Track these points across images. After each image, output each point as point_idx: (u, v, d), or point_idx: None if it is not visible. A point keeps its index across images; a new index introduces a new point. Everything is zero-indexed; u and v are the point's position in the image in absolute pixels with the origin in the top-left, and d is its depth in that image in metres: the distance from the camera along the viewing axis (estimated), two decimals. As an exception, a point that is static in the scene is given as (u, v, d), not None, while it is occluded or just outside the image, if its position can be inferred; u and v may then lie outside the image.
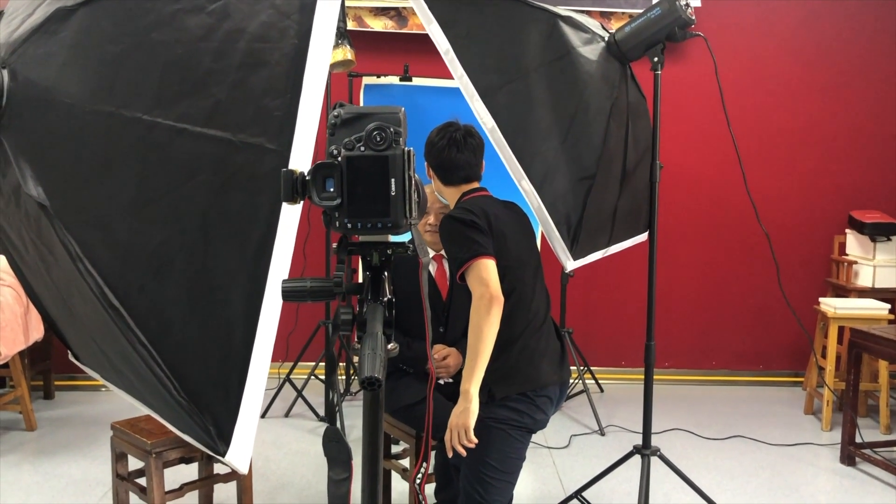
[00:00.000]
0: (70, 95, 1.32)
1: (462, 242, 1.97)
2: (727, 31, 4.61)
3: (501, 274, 1.98)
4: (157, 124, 1.31)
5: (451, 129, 2.17)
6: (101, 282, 1.34)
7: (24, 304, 3.68)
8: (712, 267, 4.79)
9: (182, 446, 2.42)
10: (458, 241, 1.98)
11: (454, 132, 2.16)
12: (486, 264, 1.95)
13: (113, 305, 1.33)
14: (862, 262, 4.41)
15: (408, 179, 1.02)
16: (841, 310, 3.91)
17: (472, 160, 2.17)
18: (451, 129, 2.17)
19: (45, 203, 1.32)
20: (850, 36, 4.70)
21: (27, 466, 3.41)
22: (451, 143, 2.14)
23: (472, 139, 2.17)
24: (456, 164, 2.15)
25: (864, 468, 3.47)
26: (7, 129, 1.35)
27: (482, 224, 2.01)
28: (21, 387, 3.82)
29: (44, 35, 1.34)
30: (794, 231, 4.71)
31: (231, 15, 1.33)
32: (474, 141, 2.17)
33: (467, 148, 2.15)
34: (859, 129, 4.75)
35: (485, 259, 1.95)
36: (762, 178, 4.64)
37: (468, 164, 2.16)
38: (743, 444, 3.77)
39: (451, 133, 2.16)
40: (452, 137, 2.15)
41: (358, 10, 4.42)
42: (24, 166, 1.33)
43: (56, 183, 1.34)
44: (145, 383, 1.42)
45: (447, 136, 2.15)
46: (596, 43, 2.52)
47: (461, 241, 1.98)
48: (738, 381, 4.83)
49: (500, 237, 2.04)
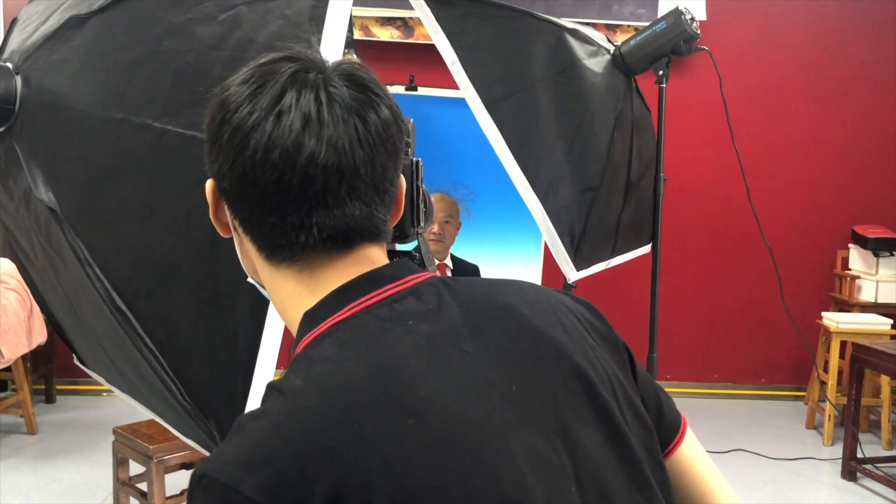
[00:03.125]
0: (82, 102, 1.34)
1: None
2: (732, 44, 4.63)
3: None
4: (167, 131, 1.32)
5: (285, 83, 0.74)
6: (109, 286, 1.35)
7: (27, 308, 3.69)
8: (715, 280, 4.80)
9: (183, 451, 2.42)
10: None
11: (299, 94, 0.73)
12: None
13: (120, 310, 1.34)
14: (865, 277, 4.41)
15: (416, 189, 1.03)
16: (843, 324, 3.92)
17: (367, 186, 0.76)
18: (283, 80, 0.74)
19: (56, 208, 1.33)
20: (855, 50, 4.72)
21: (28, 470, 3.41)
22: (274, 124, 0.72)
23: (370, 114, 0.76)
24: (287, 203, 0.74)
25: (866, 483, 3.47)
26: (19, 133, 1.36)
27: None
28: (23, 390, 3.82)
29: (57, 42, 1.35)
30: (796, 245, 4.72)
31: (242, 24, 1.35)
32: (380, 121, 0.76)
33: (363, 145, 0.75)
34: (863, 144, 4.76)
35: None
36: (765, 191, 4.65)
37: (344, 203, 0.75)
38: (744, 457, 3.77)
39: (279, 92, 0.73)
40: (281, 108, 0.72)
41: (365, 19, 4.44)
42: (35, 171, 1.35)
43: (66, 188, 1.35)
44: (150, 388, 1.43)
45: (270, 104, 0.73)
46: (601, 55, 2.54)
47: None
48: (740, 394, 4.83)
49: None
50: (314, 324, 0.74)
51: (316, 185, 0.72)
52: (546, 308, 0.80)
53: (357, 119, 0.74)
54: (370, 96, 0.76)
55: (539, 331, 0.76)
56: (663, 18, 2.52)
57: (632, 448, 0.76)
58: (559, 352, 0.76)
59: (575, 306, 0.85)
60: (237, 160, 0.73)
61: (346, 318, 0.73)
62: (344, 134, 0.73)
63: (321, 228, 0.74)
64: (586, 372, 0.76)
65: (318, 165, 0.72)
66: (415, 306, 0.74)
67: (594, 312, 0.86)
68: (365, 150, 0.74)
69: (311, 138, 0.71)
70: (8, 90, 1.35)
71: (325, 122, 0.72)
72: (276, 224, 0.74)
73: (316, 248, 0.75)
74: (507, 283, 0.83)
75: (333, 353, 0.69)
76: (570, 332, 0.79)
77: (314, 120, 0.72)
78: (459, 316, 0.74)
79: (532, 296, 0.81)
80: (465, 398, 0.68)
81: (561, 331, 0.78)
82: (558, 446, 0.71)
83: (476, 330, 0.73)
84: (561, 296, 0.85)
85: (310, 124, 0.72)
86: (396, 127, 0.78)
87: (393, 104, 0.78)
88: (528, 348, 0.75)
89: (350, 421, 0.63)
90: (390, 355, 0.69)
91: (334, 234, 0.75)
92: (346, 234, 0.75)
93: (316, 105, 0.72)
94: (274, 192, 0.72)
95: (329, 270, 0.76)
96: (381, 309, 0.73)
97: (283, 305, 0.79)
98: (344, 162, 0.72)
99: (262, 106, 0.72)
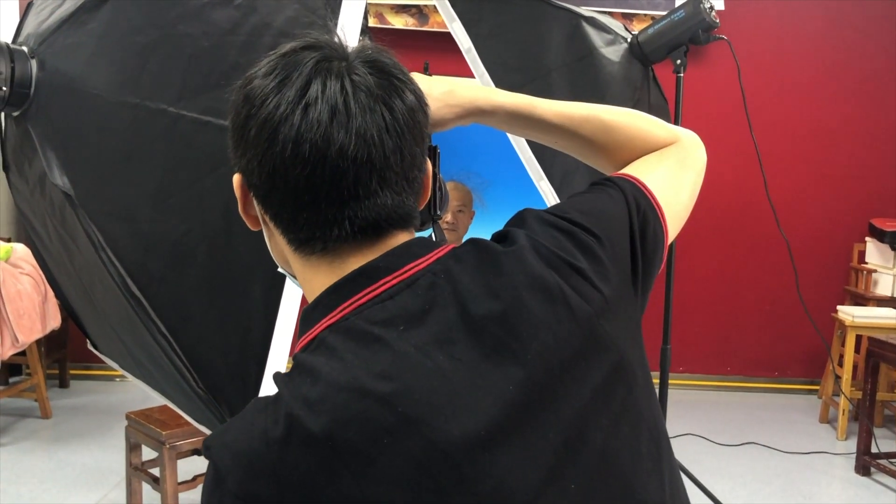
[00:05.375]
0: (97, 86, 1.33)
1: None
2: (750, 34, 4.58)
3: None
4: (181, 116, 1.32)
5: (310, 74, 0.72)
6: (123, 271, 1.35)
7: (41, 293, 3.71)
8: (729, 272, 4.77)
9: (195, 437, 2.43)
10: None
11: (324, 85, 0.71)
12: None
13: (134, 295, 1.34)
14: (882, 271, 4.37)
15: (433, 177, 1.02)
16: (859, 318, 3.88)
17: (391, 171, 0.74)
18: (307, 70, 0.72)
19: (70, 192, 1.33)
20: (874, 41, 4.66)
21: (41, 454, 3.44)
22: (301, 117, 0.71)
23: (393, 99, 0.74)
24: (315, 193, 0.72)
25: (879, 478, 3.45)
26: (34, 118, 1.36)
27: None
28: (37, 375, 3.85)
29: (73, 26, 1.35)
30: (813, 238, 4.68)
31: (258, 9, 1.34)
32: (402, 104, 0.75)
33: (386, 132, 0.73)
34: (882, 137, 4.71)
35: None
36: (782, 183, 4.61)
37: (369, 195, 0.73)
38: (757, 450, 3.75)
39: (304, 84, 0.71)
40: (308, 100, 0.71)
41: (379, 6, 4.42)
42: (50, 155, 1.35)
43: (81, 172, 1.35)
44: (164, 373, 1.43)
45: (297, 96, 0.71)
46: (618, 44, 2.51)
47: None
48: (753, 387, 4.81)
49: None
50: (308, 326, 0.74)
51: (347, 178, 0.71)
52: (549, 284, 0.73)
53: (383, 107, 0.72)
54: (394, 82, 0.74)
55: (540, 319, 0.71)
56: (681, 7, 2.49)
57: (657, 444, 0.76)
58: (568, 340, 0.72)
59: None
60: (266, 156, 0.72)
61: (336, 322, 0.72)
62: (372, 124, 0.71)
63: (353, 221, 0.73)
64: (601, 356, 0.73)
65: (348, 158, 0.70)
66: (408, 306, 0.71)
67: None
68: (393, 139, 0.73)
69: (339, 130, 0.70)
70: (24, 74, 1.35)
71: (353, 114, 0.71)
72: (309, 219, 0.73)
73: (347, 239, 0.74)
74: (511, 258, 0.74)
75: (320, 364, 0.68)
76: (572, 304, 0.73)
77: (341, 111, 0.70)
78: (455, 313, 0.70)
79: (534, 271, 0.74)
80: (451, 411, 0.66)
81: (564, 309, 0.72)
82: (556, 446, 0.68)
83: (471, 329, 0.70)
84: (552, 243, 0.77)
85: (337, 116, 0.70)
86: (422, 112, 0.77)
87: (416, 88, 0.77)
88: (530, 341, 0.70)
89: (325, 442, 0.64)
90: (377, 370, 0.67)
91: (366, 225, 0.74)
92: (378, 224, 0.75)
93: (342, 95, 0.71)
94: (305, 187, 0.71)
95: (358, 260, 0.75)
96: (372, 310, 0.71)
97: (315, 297, 0.78)
98: (374, 153, 0.71)
99: (287, 99, 0.71)
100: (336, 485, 0.63)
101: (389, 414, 0.65)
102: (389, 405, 0.65)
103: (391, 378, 0.66)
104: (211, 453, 0.67)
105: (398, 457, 0.64)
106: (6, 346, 3.44)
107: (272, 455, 0.64)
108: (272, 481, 0.64)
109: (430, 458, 0.64)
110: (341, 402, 0.65)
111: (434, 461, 0.64)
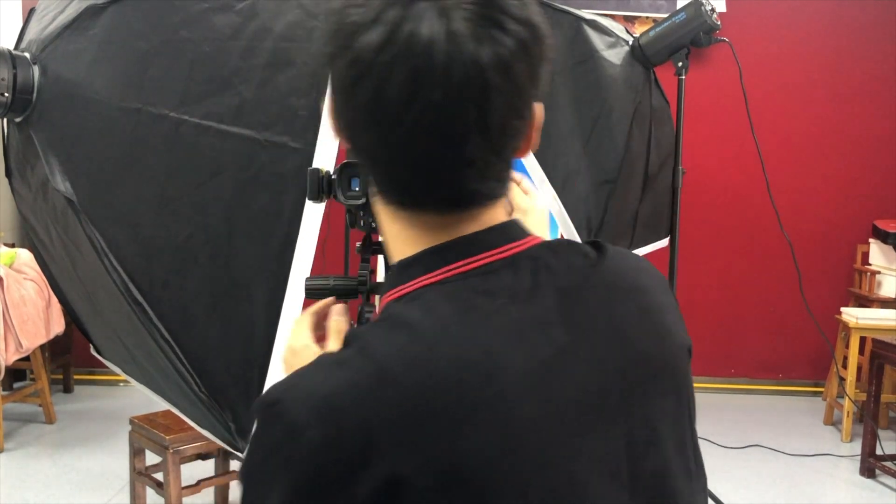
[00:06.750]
0: (99, 91, 1.34)
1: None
2: (751, 36, 4.58)
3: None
4: (183, 121, 1.32)
5: (401, 12, 0.63)
6: (126, 277, 1.35)
7: (45, 298, 3.72)
8: (733, 273, 4.76)
9: (199, 442, 2.43)
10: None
11: (415, 26, 0.62)
12: None
13: (137, 300, 1.35)
14: (885, 273, 4.36)
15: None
16: (863, 320, 3.87)
17: (485, 136, 0.66)
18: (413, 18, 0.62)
19: (73, 198, 1.34)
20: (876, 42, 4.65)
21: (46, 459, 3.44)
22: (387, 70, 0.62)
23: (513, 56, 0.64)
24: (413, 148, 0.66)
25: (884, 480, 3.44)
26: (37, 123, 1.36)
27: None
28: (41, 380, 3.86)
29: (74, 32, 1.35)
30: (816, 239, 4.67)
31: (259, 14, 1.34)
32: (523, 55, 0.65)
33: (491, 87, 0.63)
34: (885, 138, 4.70)
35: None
36: (785, 184, 4.60)
37: (459, 157, 0.66)
38: (761, 453, 3.74)
39: (393, 27, 0.62)
40: (397, 51, 0.62)
41: (381, 11, 4.43)
42: (52, 161, 1.35)
43: (83, 178, 1.35)
44: (167, 378, 1.43)
45: (381, 36, 0.62)
46: (620, 47, 2.52)
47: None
48: (758, 389, 4.79)
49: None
50: (404, 279, 0.71)
51: (421, 148, 0.65)
52: (646, 299, 0.75)
53: (476, 74, 0.63)
54: (491, 32, 0.63)
55: (629, 326, 0.72)
56: (683, 9, 2.49)
57: (688, 464, 0.78)
58: (649, 352, 0.73)
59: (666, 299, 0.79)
60: (347, 104, 0.66)
61: (438, 282, 0.69)
62: (456, 95, 0.63)
63: (429, 194, 0.69)
64: (674, 379, 0.76)
65: (424, 130, 0.64)
66: (509, 282, 0.69)
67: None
68: (481, 112, 0.64)
69: (419, 97, 0.62)
70: (26, 80, 1.35)
71: (437, 77, 0.62)
72: (384, 176, 0.70)
73: (426, 206, 0.70)
74: (612, 260, 0.75)
75: (418, 320, 0.66)
76: (661, 333, 0.75)
77: (424, 74, 0.62)
78: (553, 301, 0.69)
79: (632, 282, 0.76)
80: (542, 393, 0.65)
81: (653, 333, 0.74)
82: (621, 457, 0.69)
83: (568, 319, 0.69)
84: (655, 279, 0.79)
85: (418, 79, 0.62)
86: (525, 61, 0.65)
87: (524, 33, 0.65)
88: (619, 345, 0.71)
89: (420, 403, 0.61)
90: (474, 337, 0.65)
91: (443, 201, 0.70)
92: (458, 201, 0.70)
93: (430, 51, 0.61)
94: (380, 147, 0.67)
95: (440, 229, 0.71)
96: (474, 279, 0.69)
97: (388, 244, 0.75)
98: (455, 128, 0.64)
99: (374, 44, 0.62)
100: (427, 441, 0.60)
101: (487, 388, 0.63)
102: (488, 380, 0.63)
103: (492, 353, 0.64)
104: (279, 408, 0.62)
105: (487, 427, 0.62)
106: (10, 351, 3.45)
107: (362, 410, 0.61)
108: (361, 437, 0.60)
109: (516, 435, 0.63)
110: (439, 364, 0.63)
111: (519, 439, 0.63)
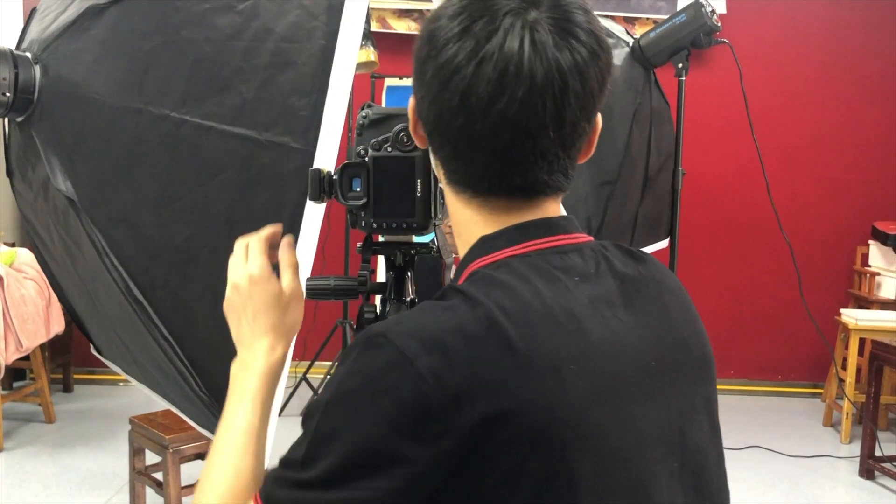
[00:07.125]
0: (100, 91, 1.34)
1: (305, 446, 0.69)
2: (752, 38, 4.59)
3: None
4: (184, 121, 1.32)
5: (494, 26, 0.71)
6: (126, 276, 1.35)
7: (45, 298, 3.72)
8: (732, 275, 4.76)
9: (199, 441, 2.44)
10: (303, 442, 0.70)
11: (503, 41, 0.71)
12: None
13: (137, 300, 1.35)
14: (885, 274, 4.36)
15: (433, 180, 1.02)
16: (862, 321, 3.88)
17: (563, 133, 0.75)
18: (494, 22, 0.71)
19: (74, 197, 1.34)
20: (876, 45, 4.66)
21: (45, 458, 3.45)
22: (475, 71, 0.71)
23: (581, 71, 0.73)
24: (499, 142, 0.73)
25: (883, 482, 3.44)
26: (38, 123, 1.36)
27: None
28: (41, 379, 3.86)
29: (76, 32, 1.35)
30: (815, 240, 4.67)
31: (260, 14, 1.34)
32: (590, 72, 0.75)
33: (564, 96, 0.72)
34: (884, 139, 4.71)
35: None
36: (785, 186, 4.61)
37: (537, 150, 0.74)
38: (760, 454, 3.74)
39: (486, 36, 0.71)
40: (484, 55, 0.71)
41: (381, 11, 4.43)
42: (53, 160, 1.35)
43: (84, 177, 1.35)
44: (167, 378, 1.43)
45: (474, 49, 0.71)
46: (620, 48, 2.52)
47: (305, 444, 0.70)
48: (757, 390, 4.80)
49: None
50: (490, 250, 0.78)
51: (502, 139, 0.73)
52: (685, 299, 0.87)
53: (557, 75, 0.71)
54: (569, 41, 0.72)
55: (675, 318, 0.82)
56: (683, 11, 2.50)
57: (719, 445, 0.84)
58: (690, 341, 0.82)
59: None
60: (435, 100, 0.74)
61: (522, 254, 0.76)
62: (538, 93, 0.71)
63: (502, 181, 0.76)
64: (708, 364, 0.84)
65: (507, 122, 0.72)
66: (580, 265, 0.77)
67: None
68: (557, 108, 0.72)
69: (505, 93, 0.70)
70: (27, 80, 1.35)
71: (524, 76, 0.70)
72: (462, 168, 0.78)
73: (499, 193, 0.78)
74: (656, 264, 0.86)
75: (511, 281, 0.72)
76: (698, 330, 0.86)
77: (512, 74, 0.70)
78: (614, 287, 0.77)
79: (675, 283, 0.87)
80: (618, 358, 0.73)
81: (693, 328, 0.85)
82: (674, 428, 0.76)
83: (628, 303, 0.77)
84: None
85: (506, 78, 0.70)
86: (596, 68, 0.75)
87: (594, 44, 0.75)
88: (669, 331, 0.79)
89: (522, 350, 0.67)
90: (561, 302, 0.72)
91: (515, 189, 0.77)
92: (528, 189, 0.77)
93: (518, 55, 0.70)
94: (464, 137, 0.74)
95: (508, 213, 0.79)
96: (552, 256, 0.76)
97: (459, 228, 0.82)
98: (533, 121, 0.72)
99: (466, 49, 0.71)
100: (527, 389, 0.66)
101: (574, 345, 0.70)
102: (576, 338, 0.70)
103: (576, 317, 0.71)
104: (385, 339, 0.67)
105: (578, 378, 0.69)
106: (10, 350, 3.45)
107: (471, 349, 0.66)
108: (468, 373, 0.65)
109: (600, 390, 0.70)
110: (538, 322, 0.69)
111: (603, 394, 0.70)
